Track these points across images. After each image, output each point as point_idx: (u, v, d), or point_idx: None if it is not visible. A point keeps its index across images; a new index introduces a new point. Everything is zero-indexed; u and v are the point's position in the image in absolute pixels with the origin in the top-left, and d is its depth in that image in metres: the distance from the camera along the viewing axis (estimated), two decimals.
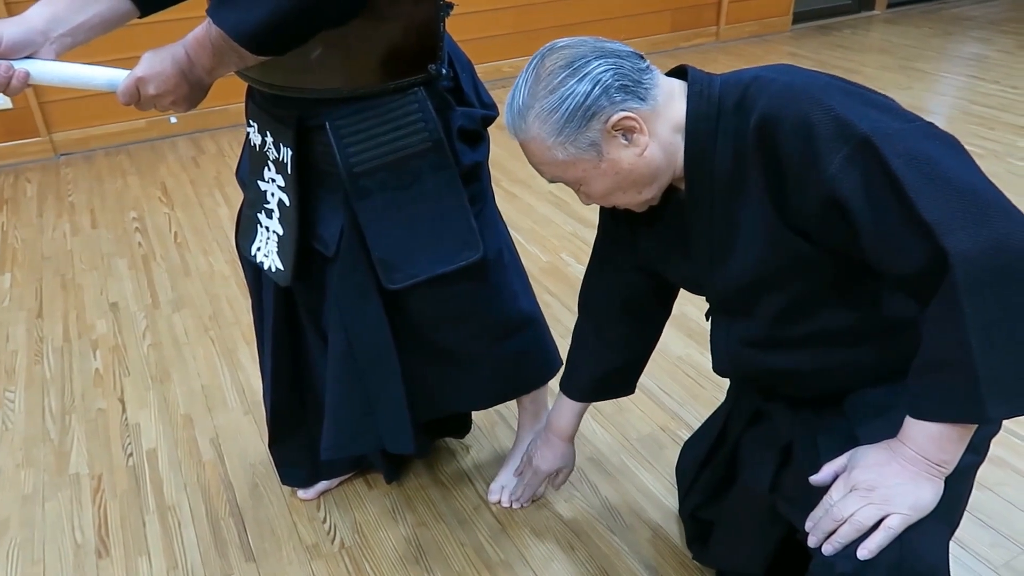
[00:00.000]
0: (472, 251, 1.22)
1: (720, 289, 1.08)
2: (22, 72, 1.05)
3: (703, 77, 1.00)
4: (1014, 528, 1.49)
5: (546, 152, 0.97)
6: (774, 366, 1.08)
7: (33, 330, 2.26)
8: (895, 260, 0.84)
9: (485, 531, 1.55)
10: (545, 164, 1.00)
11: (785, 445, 1.14)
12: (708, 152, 0.97)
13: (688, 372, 1.96)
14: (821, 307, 1.00)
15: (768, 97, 0.91)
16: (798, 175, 0.88)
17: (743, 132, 0.93)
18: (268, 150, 1.26)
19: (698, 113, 0.97)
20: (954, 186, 0.80)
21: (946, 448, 0.86)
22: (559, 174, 1.00)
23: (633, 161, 0.97)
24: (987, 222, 0.79)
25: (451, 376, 1.41)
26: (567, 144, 0.95)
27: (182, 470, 1.73)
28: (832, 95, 0.88)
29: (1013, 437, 1.71)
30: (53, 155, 3.52)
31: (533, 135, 0.97)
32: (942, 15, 5.36)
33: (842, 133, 0.84)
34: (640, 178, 0.99)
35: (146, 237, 2.77)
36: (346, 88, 1.13)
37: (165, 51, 1.05)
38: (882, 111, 0.87)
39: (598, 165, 0.97)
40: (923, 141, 0.83)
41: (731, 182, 0.97)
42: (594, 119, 0.93)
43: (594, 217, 2.74)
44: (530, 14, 4.29)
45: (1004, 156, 3.10)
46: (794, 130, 0.87)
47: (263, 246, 1.34)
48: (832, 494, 0.92)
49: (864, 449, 0.93)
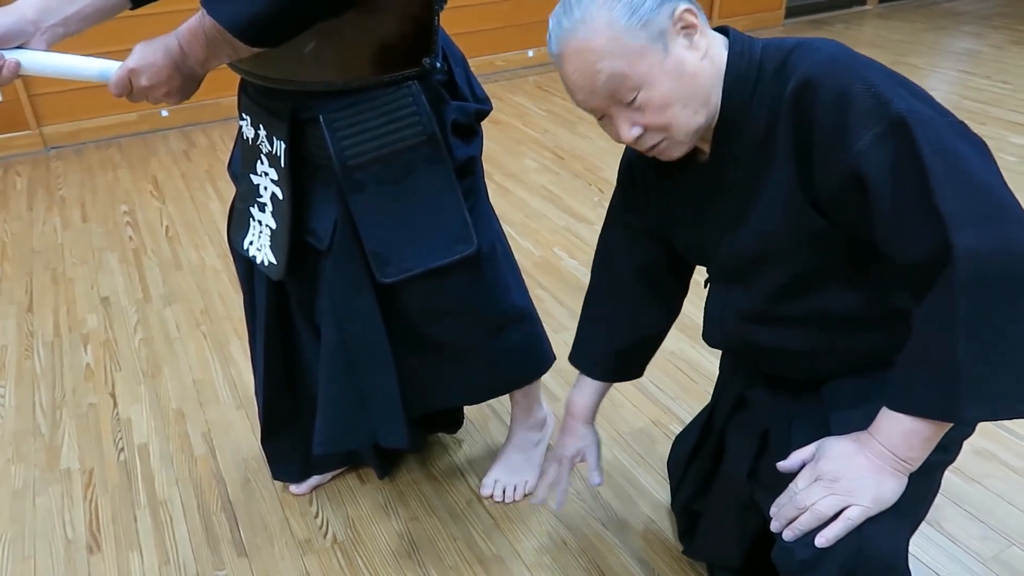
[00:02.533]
0: (466, 245, 1.22)
1: (726, 257, 1.06)
2: (12, 62, 1.04)
3: (745, 38, 0.97)
4: (1003, 521, 1.50)
5: (612, 42, 0.89)
6: (764, 342, 1.08)
7: (23, 325, 2.24)
8: (903, 246, 0.84)
9: (478, 525, 1.56)
10: (611, 57, 0.90)
11: (763, 432, 1.15)
12: (742, 114, 0.95)
13: (680, 366, 1.97)
14: (823, 287, 1.00)
15: (811, 63, 0.89)
16: (827, 145, 0.87)
17: (779, 96, 0.91)
18: (261, 143, 1.25)
19: (738, 72, 0.95)
20: (975, 184, 0.80)
21: (914, 445, 0.87)
22: (624, 68, 0.90)
23: (696, 64, 0.92)
24: (999, 224, 0.79)
25: (444, 370, 1.41)
26: (639, 29, 0.89)
27: (174, 465, 1.72)
28: (876, 73, 0.86)
29: (1001, 430, 1.72)
30: (43, 148, 3.50)
31: (600, 24, 0.89)
32: (934, 10, 5.38)
33: (878, 110, 0.83)
34: (700, 89, 0.93)
35: (137, 231, 2.76)
36: (340, 81, 1.12)
37: (158, 42, 1.04)
38: (920, 99, 0.86)
39: (664, 61, 0.90)
40: (954, 136, 0.83)
41: (759, 147, 0.95)
42: (664, 5, 0.90)
43: (587, 212, 2.75)
44: (524, 8, 4.28)
45: (995, 151, 3.06)
46: (832, 98, 0.86)
47: (256, 240, 1.33)
48: (797, 482, 0.94)
49: (832, 440, 0.94)
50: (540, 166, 3.18)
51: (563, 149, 3.33)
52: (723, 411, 1.27)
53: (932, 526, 1.49)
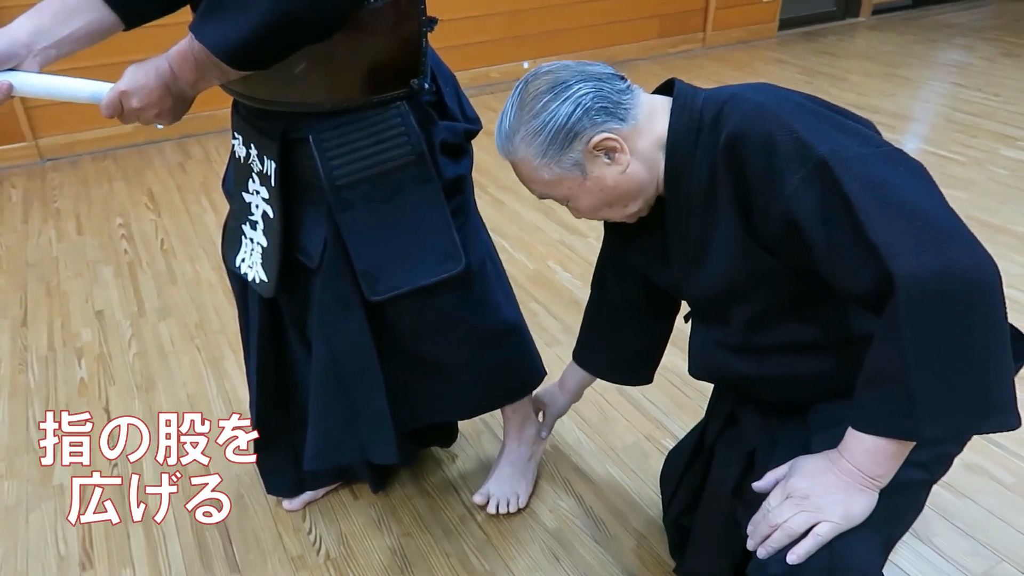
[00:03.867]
0: (454, 263, 1.23)
1: (695, 296, 1.13)
2: (4, 84, 1.05)
3: (688, 91, 1.03)
4: (992, 537, 1.51)
5: (533, 172, 1.03)
6: (745, 372, 1.12)
7: (17, 338, 2.24)
8: (846, 280, 0.87)
9: (470, 541, 1.56)
10: (534, 183, 1.06)
11: (751, 451, 1.17)
12: (687, 165, 1.01)
13: (673, 381, 1.97)
14: (787, 318, 1.04)
15: (739, 116, 0.94)
16: (761, 193, 0.92)
17: (716, 146, 0.97)
18: (252, 162, 1.26)
19: (679, 126, 1.01)
20: (908, 210, 0.82)
21: (880, 462, 0.89)
22: (547, 192, 1.06)
23: (616, 178, 1.02)
24: (936, 247, 0.81)
25: (434, 386, 1.42)
26: (552, 164, 1.01)
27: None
28: (801, 117, 0.91)
29: (993, 445, 1.73)
30: (39, 160, 3.50)
31: (521, 156, 1.02)
32: (926, 22, 5.42)
33: (801, 154, 0.87)
34: (625, 193, 1.04)
35: (132, 244, 2.76)
36: (329, 102, 1.14)
37: (149, 64, 1.05)
38: (849, 135, 0.89)
39: (583, 183, 1.02)
40: (885, 167, 0.86)
41: (706, 194, 1.00)
42: (576, 140, 0.98)
43: (581, 225, 2.76)
44: (519, 20, 4.30)
45: (986, 163, 3.13)
46: (758, 149, 0.91)
47: (248, 257, 1.34)
48: (770, 500, 0.96)
49: (803, 458, 0.97)
50: None
51: None
52: (715, 427, 1.29)
53: (922, 541, 1.50)
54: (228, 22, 0.98)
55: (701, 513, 1.32)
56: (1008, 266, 2.37)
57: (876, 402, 0.87)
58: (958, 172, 3.04)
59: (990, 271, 0.80)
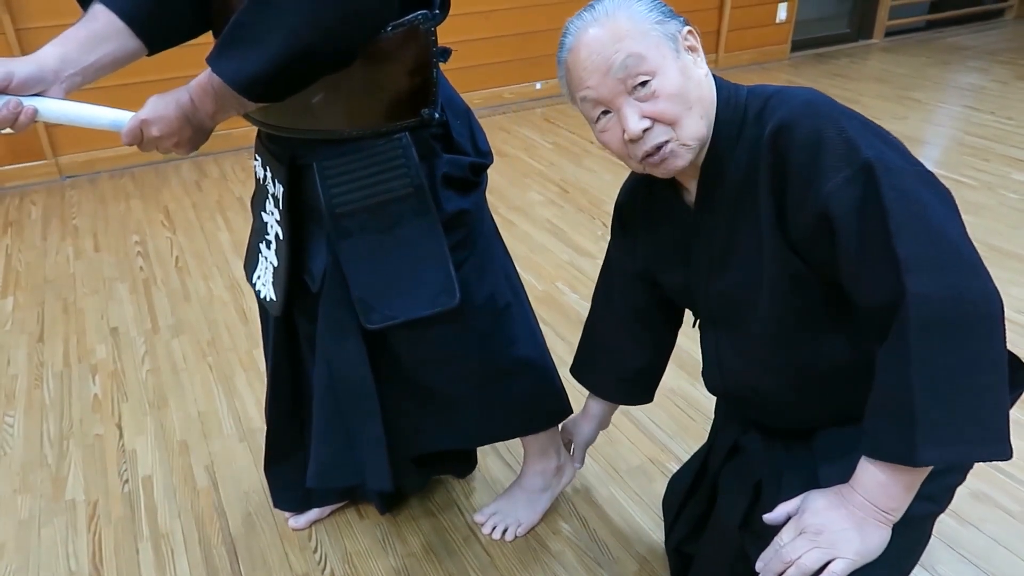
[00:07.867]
0: (448, 298, 1.22)
1: (712, 299, 1.10)
2: (30, 108, 1.08)
3: (730, 85, 1.03)
4: (998, 566, 1.50)
5: (636, 28, 0.95)
6: (759, 386, 1.11)
7: (34, 354, 2.28)
8: (865, 288, 0.88)
9: (474, 563, 1.57)
10: (631, 39, 0.94)
11: (758, 482, 1.16)
12: (726, 157, 1.00)
13: (679, 403, 1.98)
14: (809, 334, 1.02)
15: (788, 108, 0.94)
16: (800, 185, 0.91)
17: (759, 139, 0.96)
18: (268, 184, 1.30)
19: (724, 118, 1.00)
20: (934, 232, 0.83)
21: (893, 495, 0.88)
22: (642, 50, 0.94)
23: (700, 77, 0.99)
24: (953, 272, 0.82)
25: (435, 414, 1.42)
26: (658, 25, 0.96)
27: (176, 497, 1.75)
28: (849, 119, 0.91)
29: (999, 473, 1.72)
30: (58, 177, 3.57)
31: (622, 16, 0.96)
32: (940, 44, 5.42)
33: (848, 155, 0.87)
34: (705, 99, 0.98)
35: (148, 261, 2.80)
36: (342, 131, 1.16)
37: (170, 95, 1.08)
38: (890, 147, 0.90)
39: (676, 58, 0.96)
40: (920, 185, 0.87)
41: (741, 191, 0.99)
42: (674, 19, 0.98)
43: (591, 246, 2.78)
44: (532, 42, 4.35)
45: (997, 188, 3.12)
46: (806, 141, 0.90)
47: (262, 275, 1.38)
48: (783, 535, 0.95)
49: (816, 493, 0.96)
50: (545, 199, 3.22)
51: (568, 182, 3.38)
52: (718, 456, 1.29)
53: (927, 570, 1.49)
54: (244, 55, 1.00)
55: (705, 543, 1.31)
56: (1020, 291, 2.36)
57: (882, 425, 0.87)
58: (969, 196, 3.04)
59: (997, 304, 0.82)
